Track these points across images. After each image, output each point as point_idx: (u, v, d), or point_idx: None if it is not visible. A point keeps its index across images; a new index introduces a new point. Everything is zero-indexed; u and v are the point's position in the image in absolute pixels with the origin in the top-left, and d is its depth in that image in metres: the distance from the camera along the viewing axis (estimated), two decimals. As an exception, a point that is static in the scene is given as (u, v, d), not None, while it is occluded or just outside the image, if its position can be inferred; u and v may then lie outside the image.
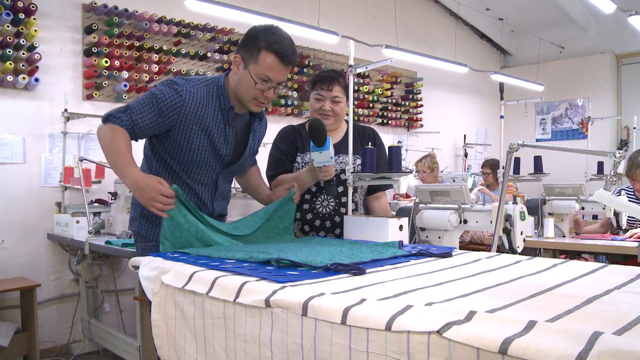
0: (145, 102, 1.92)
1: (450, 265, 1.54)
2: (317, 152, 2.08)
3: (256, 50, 1.91)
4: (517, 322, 0.86)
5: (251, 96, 1.97)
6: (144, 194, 1.75)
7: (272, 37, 1.91)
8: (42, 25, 4.03)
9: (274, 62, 1.91)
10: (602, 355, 0.73)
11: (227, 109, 2.01)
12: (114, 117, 1.89)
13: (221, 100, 2.01)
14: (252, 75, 1.92)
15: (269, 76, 1.93)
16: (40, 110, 4.08)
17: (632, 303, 1.05)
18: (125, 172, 1.80)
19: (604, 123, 7.81)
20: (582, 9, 7.84)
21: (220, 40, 5.12)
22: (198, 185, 2.05)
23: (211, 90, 2.01)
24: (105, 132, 1.88)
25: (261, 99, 1.99)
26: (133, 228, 2.12)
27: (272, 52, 1.90)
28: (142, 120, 1.91)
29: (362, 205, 2.52)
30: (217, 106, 2.00)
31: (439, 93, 7.91)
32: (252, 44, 1.92)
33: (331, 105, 2.39)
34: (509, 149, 2.09)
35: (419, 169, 5.71)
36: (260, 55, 1.90)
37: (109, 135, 1.86)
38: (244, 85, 1.96)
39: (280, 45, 1.91)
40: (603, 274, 1.40)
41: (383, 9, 6.97)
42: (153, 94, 1.94)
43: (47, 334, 4.06)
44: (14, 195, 3.97)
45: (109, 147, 1.85)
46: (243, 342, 1.23)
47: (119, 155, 1.83)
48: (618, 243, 3.46)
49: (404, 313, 0.96)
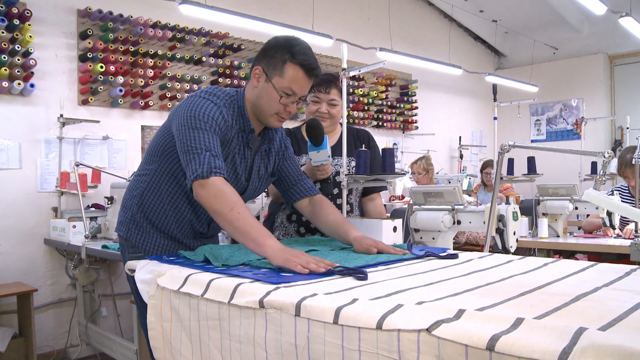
0: (205, 131, 1.69)
1: (442, 265, 1.56)
2: (315, 152, 2.11)
3: (280, 62, 1.78)
4: (505, 320, 0.89)
5: (273, 111, 1.83)
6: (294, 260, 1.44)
7: (297, 49, 1.78)
8: (37, 31, 4.04)
9: (300, 75, 1.79)
10: (585, 350, 0.75)
11: (248, 132, 1.87)
12: (216, 168, 1.63)
13: (240, 122, 1.85)
14: (275, 89, 1.79)
15: (294, 89, 1.80)
16: (35, 116, 4.09)
17: (618, 300, 1.07)
18: (265, 245, 1.52)
19: (598, 123, 7.86)
20: (575, 11, 7.89)
21: (215, 45, 5.14)
22: (200, 207, 1.80)
23: (234, 111, 1.85)
24: (215, 193, 1.60)
25: (283, 114, 1.84)
26: (121, 233, 1.95)
27: (298, 65, 1.78)
28: (217, 146, 1.69)
29: (357, 207, 2.54)
30: (238, 128, 1.85)
31: (433, 95, 7.94)
32: (276, 55, 1.79)
33: (328, 108, 2.42)
34: (500, 150, 2.11)
35: (414, 171, 5.74)
36: (286, 67, 1.77)
37: (225, 196, 1.60)
38: (266, 99, 1.81)
39: (307, 57, 1.79)
40: (593, 272, 1.42)
41: (377, 12, 7.00)
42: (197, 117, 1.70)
43: (44, 338, 4.06)
44: (10, 200, 3.97)
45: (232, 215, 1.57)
46: (238, 342, 1.25)
47: (250, 224, 1.56)
48: (612, 242, 3.48)
49: (395, 312, 0.98)
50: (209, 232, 1.99)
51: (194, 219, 1.90)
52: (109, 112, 4.49)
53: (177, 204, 1.87)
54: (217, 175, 1.61)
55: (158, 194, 1.87)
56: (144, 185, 1.89)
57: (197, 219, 1.91)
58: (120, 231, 1.97)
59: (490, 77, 7.21)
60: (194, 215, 1.90)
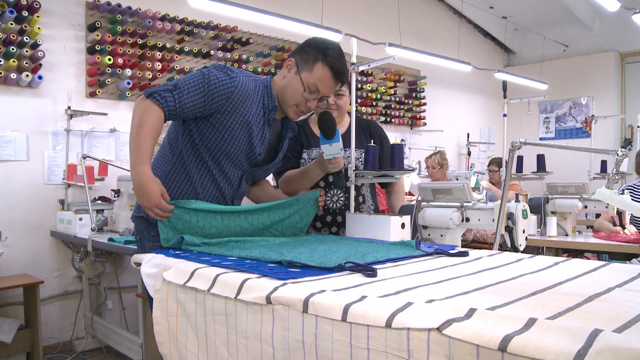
0: (195, 81, 1.84)
1: (451, 263, 1.54)
2: (327, 145, 2.09)
3: (312, 60, 1.93)
4: (517, 320, 0.87)
5: (294, 102, 1.97)
6: (142, 198, 1.72)
7: (331, 52, 1.93)
8: (45, 22, 4.03)
9: (327, 76, 1.93)
10: (601, 352, 0.73)
11: (271, 108, 1.98)
12: (158, 95, 1.79)
13: (265, 98, 1.98)
14: (302, 82, 1.93)
15: (319, 88, 1.94)
16: (43, 108, 4.09)
17: (632, 301, 1.05)
18: (136, 168, 1.72)
19: (608, 122, 7.79)
20: (587, 7, 7.82)
21: (223, 38, 5.12)
22: (223, 179, 1.97)
23: (258, 87, 1.98)
24: (141, 109, 1.79)
25: (302, 107, 1.99)
26: (142, 214, 1.95)
27: (327, 66, 1.92)
28: (189, 100, 1.82)
29: (370, 198, 2.53)
30: (261, 104, 1.97)
31: (442, 91, 7.90)
32: (311, 52, 1.94)
33: (335, 99, 2.41)
34: (511, 147, 2.08)
35: (428, 165, 5.71)
36: (316, 66, 1.92)
37: (143, 114, 1.77)
38: (291, 90, 1.96)
39: (337, 61, 1.93)
40: (604, 272, 1.40)
41: (387, 7, 6.96)
42: (204, 74, 1.86)
43: (50, 330, 4.07)
44: (18, 192, 3.98)
45: (136, 131, 1.75)
46: (244, 338, 1.23)
47: (140, 145, 1.74)
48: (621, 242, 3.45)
49: (404, 310, 0.96)
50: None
51: (219, 196, 1.99)
52: (116, 105, 4.49)
53: (204, 181, 1.96)
54: (153, 99, 1.78)
55: (185, 173, 1.95)
56: (169, 166, 1.95)
57: (221, 196, 2.00)
58: (140, 212, 1.96)
59: (499, 74, 7.16)
60: (218, 192, 1.98)
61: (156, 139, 1.79)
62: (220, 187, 1.98)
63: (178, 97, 1.81)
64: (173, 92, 1.81)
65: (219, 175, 1.96)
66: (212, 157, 1.93)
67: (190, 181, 1.94)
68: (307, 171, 2.29)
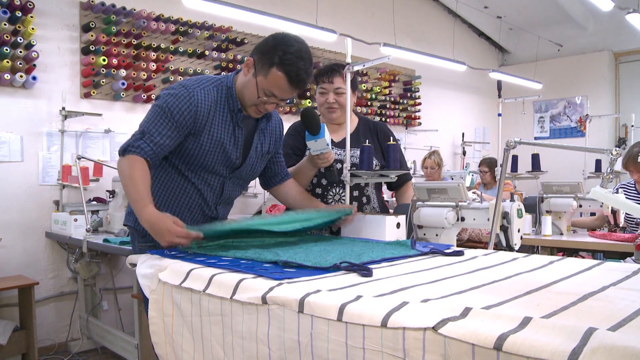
0: (159, 118, 1.84)
1: (446, 262, 1.54)
2: (313, 141, 2.09)
3: (268, 64, 1.83)
4: (512, 319, 0.87)
5: (252, 103, 1.92)
6: (159, 237, 1.68)
7: (288, 56, 1.81)
8: (39, 23, 4.02)
9: (282, 82, 1.84)
10: (596, 351, 0.74)
11: (236, 111, 1.95)
12: (132, 147, 1.80)
13: (230, 102, 1.95)
14: (257, 87, 1.87)
15: (274, 93, 1.87)
16: (37, 109, 4.07)
17: (626, 299, 1.06)
18: (141, 213, 1.72)
19: (602, 121, 7.80)
20: (581, 7, 7.84)
21: (218, 39, 5.11)
22: (204, 186, 1.99)
23: (221, 92, 1.95)
24: (123, 166, 1.80)
25: (261, 108, 1.94)
26: (129, 223, 2.04)
27: (282, 72, 1.82)
28: (162, 138, 1.82)
29: (375, 198, 2.54)
30: (227, 108, 1.94)
31: (437, 91, 7.91)
32: (266, 55, 1.84)
33: (335, 97, 2.42)
34: (505, 146, 2.09)
35: (426, 166, 5.70)
36: (271, 71, 1.83)
37: (127, 170, 1.78)
38: (248, 92, 1.91)
39: (294, 67, 1.81)
40: (599, 271, 1.41)
41: (381, 7, 6.96)
42: (162, 107, 1.85)
43: (45, 332, 4.06)
44: (12, 193, 3.96)
45: (128, 184, 1.77)
46: (240, 338, 1.23)
47: (136, 193, 1.74)
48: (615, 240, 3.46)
49: (400, 309, 0.96)
50: (219, 214, 2.07)
51: (203, 204, 2.01)
52: (111, 106, 4.48)
53: (187, 191, 1.98)
54: (131, 153, 1.79)
55: (168, 184, 1.98)
56: (152, 177, 1.93)
57: (205, 204, 2.01)
58: (128, 222, 2.05)
59: (494, 73, 7.18)
60: (202, 200, 2.01)
61: (149, 183, 1.80)
62: (202, 194, 2.00)
63: (150, 140, 1.82)
64: (143, 138, 1.82)
65: (200, 183, 1.98)
66: (189, 169, 1.97)
67: (172, 191, 1.99)
68: (301, 168, 2.31)
